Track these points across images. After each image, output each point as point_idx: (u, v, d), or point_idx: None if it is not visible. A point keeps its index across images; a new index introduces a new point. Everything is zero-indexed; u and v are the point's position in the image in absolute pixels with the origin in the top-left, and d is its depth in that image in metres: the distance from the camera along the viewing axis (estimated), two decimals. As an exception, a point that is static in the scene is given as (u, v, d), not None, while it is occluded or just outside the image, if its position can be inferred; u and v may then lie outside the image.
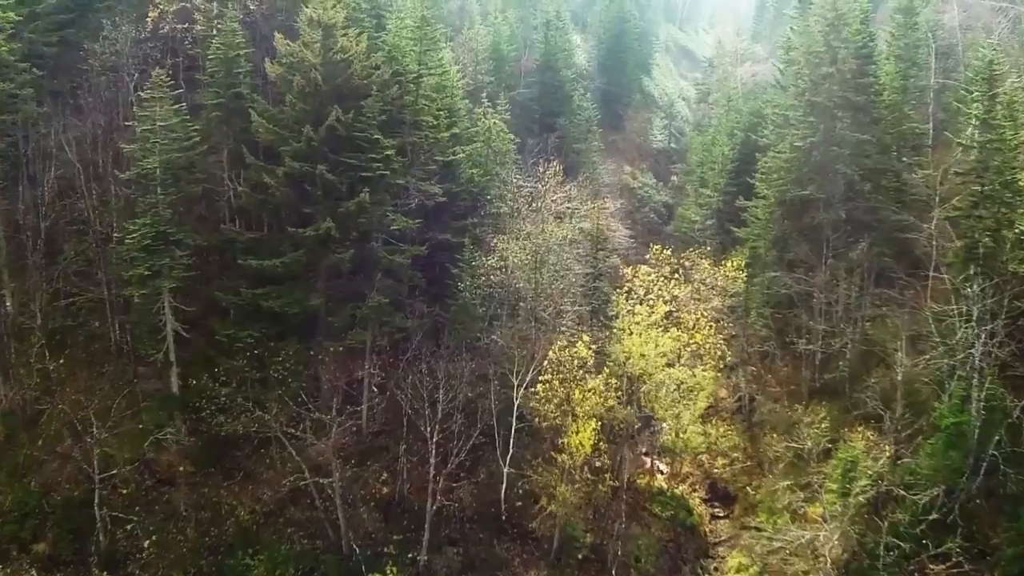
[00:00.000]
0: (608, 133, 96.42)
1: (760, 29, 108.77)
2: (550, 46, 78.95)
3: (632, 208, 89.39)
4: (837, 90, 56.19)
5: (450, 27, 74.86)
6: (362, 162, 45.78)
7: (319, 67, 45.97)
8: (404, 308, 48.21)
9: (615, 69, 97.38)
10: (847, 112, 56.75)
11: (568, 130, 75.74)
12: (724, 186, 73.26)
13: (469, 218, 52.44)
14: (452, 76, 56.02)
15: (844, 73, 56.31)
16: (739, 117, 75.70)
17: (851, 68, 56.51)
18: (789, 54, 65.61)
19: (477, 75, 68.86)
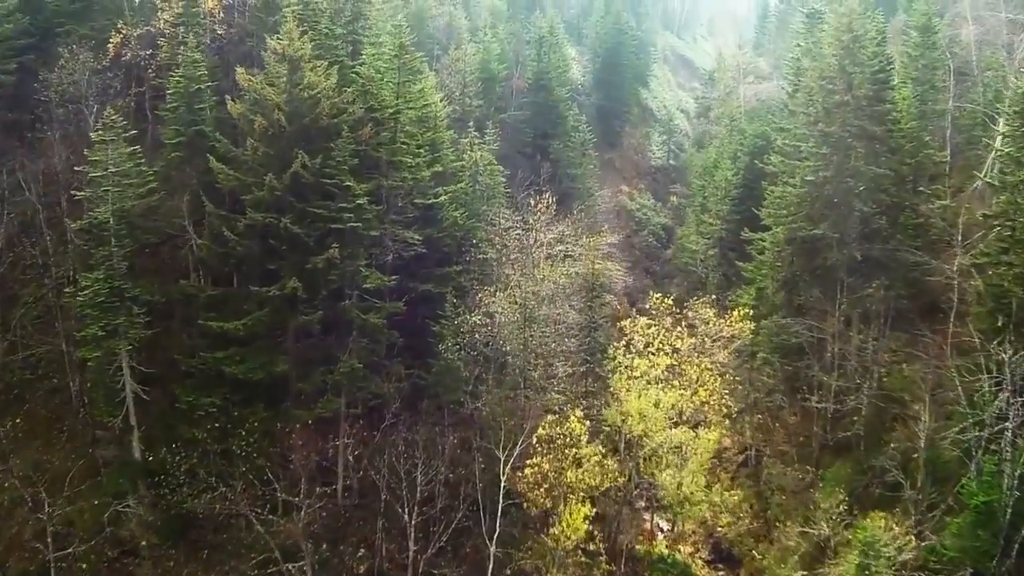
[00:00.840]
0: (604, 151, 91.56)
1: (762, 40, 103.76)
2: (543, 64, 73.98)
3: (630, 231, 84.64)
4: (852, 118, 51.31)
5: (436, 45, 70.06)
6: (332, 212, 40.93)
7: (283, 106, 41.10)
8: (381, 370, 43.43)
9: (612, 84, 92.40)
10: (862, 142, 51.90)
11: (562, 154, 70.83)
12: (727, 213, 68.49)
13: (453, 265, 47.63)
14: (435, 107, 51.15)
15: (859, 100, 51.44)
16: (743, 139, 70.84)
17: (866, 94, 51.65)
18: (799, 78, 60.70)
19: (464, 99, 63.98)
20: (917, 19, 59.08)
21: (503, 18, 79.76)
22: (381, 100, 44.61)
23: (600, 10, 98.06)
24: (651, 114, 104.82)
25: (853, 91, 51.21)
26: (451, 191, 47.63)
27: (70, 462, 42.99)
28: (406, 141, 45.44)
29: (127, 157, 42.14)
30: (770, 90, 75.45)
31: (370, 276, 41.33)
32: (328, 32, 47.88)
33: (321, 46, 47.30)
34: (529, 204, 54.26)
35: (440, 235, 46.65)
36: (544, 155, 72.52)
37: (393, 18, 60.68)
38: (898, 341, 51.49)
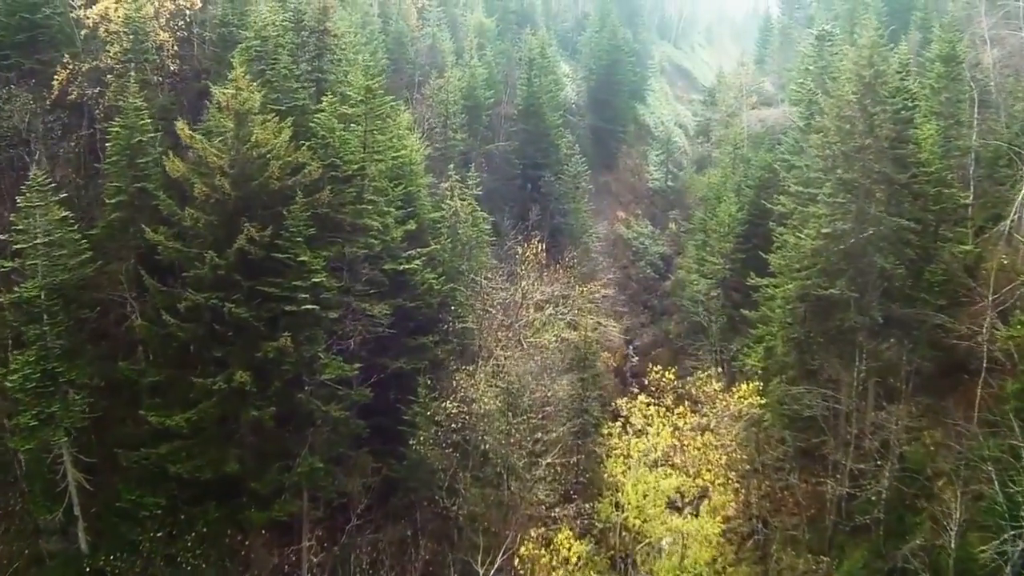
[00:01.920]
0: (600, 173, 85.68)
1: (764, 54, 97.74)
2: (533, 88, 67.99)
3: (627, 262, 78.85)
4: (873, 163, 45.47)
5: (418, 71, 64.08)
6: (284, 291, 35.11)
7: (227, 168, 35.22)
8: (346, 462, 37.74)
9: (607, 103, 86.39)
10: (883, 189, 46.05)
11: (553, 187, 64.99)
12: (731, 251, 62.62)
13: (428, 335, 41.85)
14: (410, 154, 45.29)
15: (881, 141, 45.58)
16: (748, 171, 64.97)
17: (888, 135, 45.77)
18: (810, 110, 54.80)
19: (447, 131, 58.07)
20: (940, 47, 53.10)
21: (492, 37, 73.85)
22: (344, 155, 38.69)
23: (595, 25, 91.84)
24: (648, 131, 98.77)
25: (875, 133, 45.40)
26: (427, 252, 41.77)
27: (14, 550, 37.83)
28: (374, 199, 39.55)
29: (59, 224, 36.32)
30: (776, 116, 69.45)
31: (330, 365, 35.51)
32: (287, 72, 41.93)
33: (279, 89, 41.45)
34: (517, 253, 48.61)
35: (413, 303, 40.85)
36: (535, 187, 66.76)
37: (368, 46, 54.78)
38: (919, 404, 46.10)
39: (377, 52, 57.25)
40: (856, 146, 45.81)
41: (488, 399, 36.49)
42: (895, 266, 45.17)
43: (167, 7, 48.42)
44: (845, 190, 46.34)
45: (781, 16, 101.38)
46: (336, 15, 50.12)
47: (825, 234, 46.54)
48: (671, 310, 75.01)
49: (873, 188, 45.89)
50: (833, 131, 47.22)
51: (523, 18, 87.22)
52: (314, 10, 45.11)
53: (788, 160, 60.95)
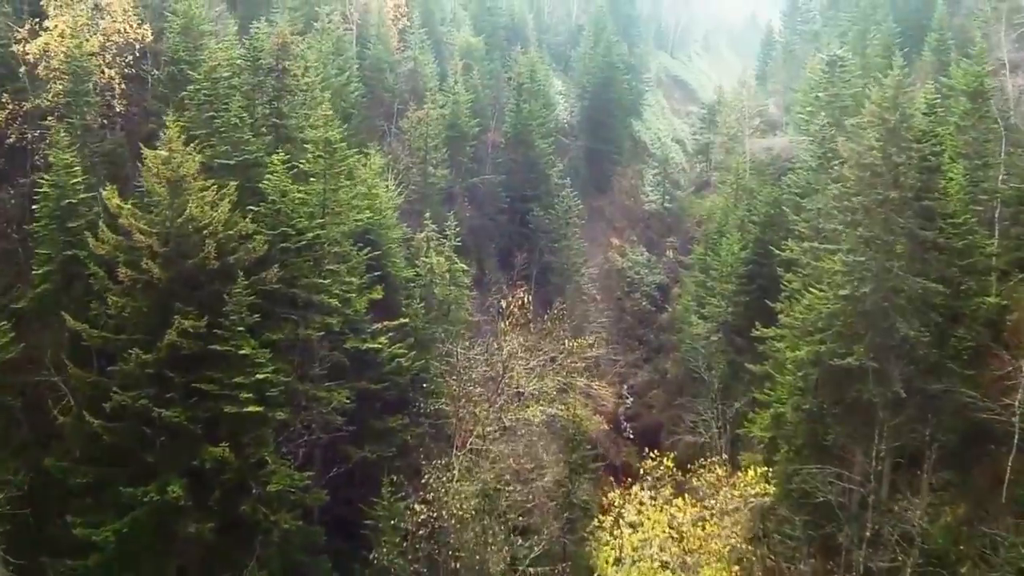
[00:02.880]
0: (593, 197, 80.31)
1: (765, 69, 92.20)
2: (522, 115, 62.61)
3: (620, 293, 73.61)
4: (896, 216, 40.28)
5: (397, 100, 58.62)
6: (225, 389, 29.91)
7: (158, 248, 29.95)
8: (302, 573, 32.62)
9: (601, 123, 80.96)
10: (907, 246, 40.91)
11: (543, 223, 59.67)
12: (733, 293, 57.44)
13: (397, 417, 36.68)
14: (379, 211, 40.03)
15: (905, 191, 40.37)
16: (752, 204, 59.73)
17: (913, 184, 40.57)
18: (825, 157, 49.45)
19: (426, 169, 52.73)
20: (966, 80, 47.71)
21: (479, 57, 68.43)
22: (298, 221, 33.39)
23: (589, 40, 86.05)
24: (644, 148, 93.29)
25: (899, 183, 40.19)
26: (396, 326, 36.53)
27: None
28: (334, 269, 34.34)
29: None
30: (782, 144, 64.13)
31: (278, 473, 30.28)
32: (238, 121, 36.50)
33: (228, 140, 36.11)
34: (500, 306, 43.35)
35: (379, 384, 35.64)
36: (523, 222, 61.46)
37: (339, 79, 49.32)
38: (940, 479, 41.12)
39: (350, 83, 51.88)
40: (878, 199, 40.63)
41: (462, 502, 31.33)
42: (920, 333, 40.02)
43: (115, 41, 43.07)
44: (865, 246, 41.25)
45: (783, 29, 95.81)
46: (301, 48, 44.77)
47: (843, 296, 41.46)
48: (668, 346, 69.92)
49: (896, 244, 40.80)
50: (853, 181, 41.93)
51: (514, 34, 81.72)
52: (272, 46, 39.71)
53: (797, 196, 55.93)
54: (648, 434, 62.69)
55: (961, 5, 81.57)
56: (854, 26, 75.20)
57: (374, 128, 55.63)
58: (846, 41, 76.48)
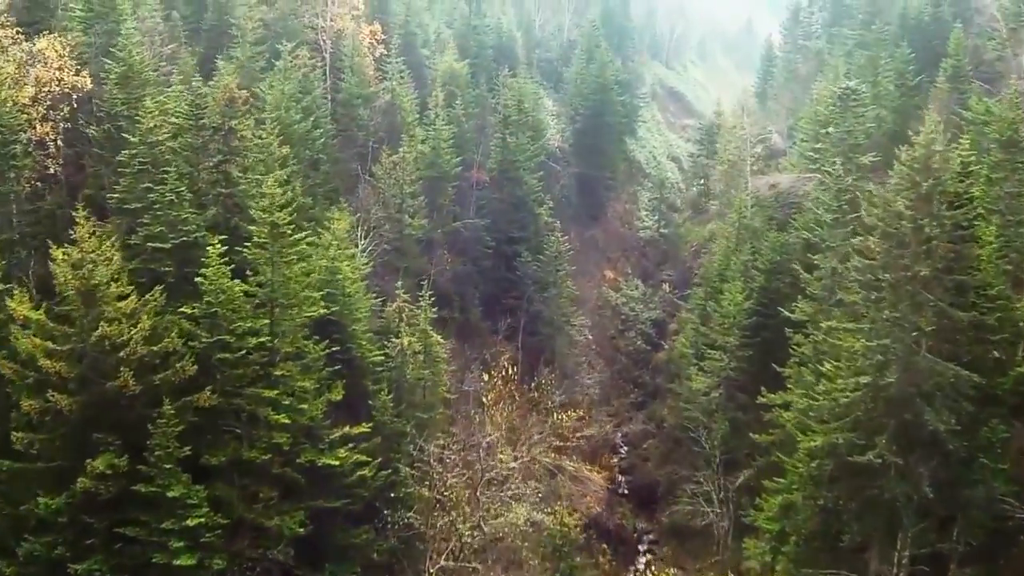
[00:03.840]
0: (586, 226, 75.11)
1: (767, 87, 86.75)
2: (509, 150, 57.26)
3: (614, 331, 68.53)
4: (926, 294, 35.26)
5: (372, 138, 53.10)
6: (153, 534, 24.82)
7: (67, 372, 24.74)
8: None
9: (594, 148, 75.53)
10: (935, 323, 35.97)
11: (530, 269, 54.41)
12: (736, 346, 52.42)
13: (362, 530, 31.63)
14: (344, 284, 34.81)
15: (936, 262, 35.35)
16: (755, 245, 54.60)
17: (945, 254, 35.55)
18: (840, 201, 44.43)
19: (403, 219, 47.38)
20: (1000, 129, 42.62)
21: (463, 83, 63.01)
22: (237, 327, 28.14)
23: (582, 58, 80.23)
24: (639, 168, 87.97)
25: (930, 257, 35.15)
26: (359, 432, 31.36)
27: None
28: (283, 374, 29.17)
29: None
30: (789, 181, 58.96)
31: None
32: (175, 197, 31.14)
33: (163, 220, 30.82)
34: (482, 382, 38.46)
35: (340, 501, 30.54)
36: (509, 266, 56.19)
37: (302, 125, 43.87)
38: (965, 574, 36.37)
39: (319, 127, 46.48)
40: (907, 275, 35.63)
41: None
42: (950, 426, 35.09)
43: (49, 91, 37.55)
44: (891, 327, 36.23)
45: (784, 43, 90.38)
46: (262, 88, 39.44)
47: (864, 385, 36.48)
48: (664, 389, 64.97)
49: (924, 325, 35.84)
50: (879, 253, 36.71)
51: (502, 54, 76.10)
52: (218, 102, 34.33)
53: (806, 242, 50.97)
54: (644, 492, 57.83)
55: (972, 22, 76.55)
56: (861, 50, 69.86)
57: (347, 172, 50.32)
58: (851, 60, 71.41)
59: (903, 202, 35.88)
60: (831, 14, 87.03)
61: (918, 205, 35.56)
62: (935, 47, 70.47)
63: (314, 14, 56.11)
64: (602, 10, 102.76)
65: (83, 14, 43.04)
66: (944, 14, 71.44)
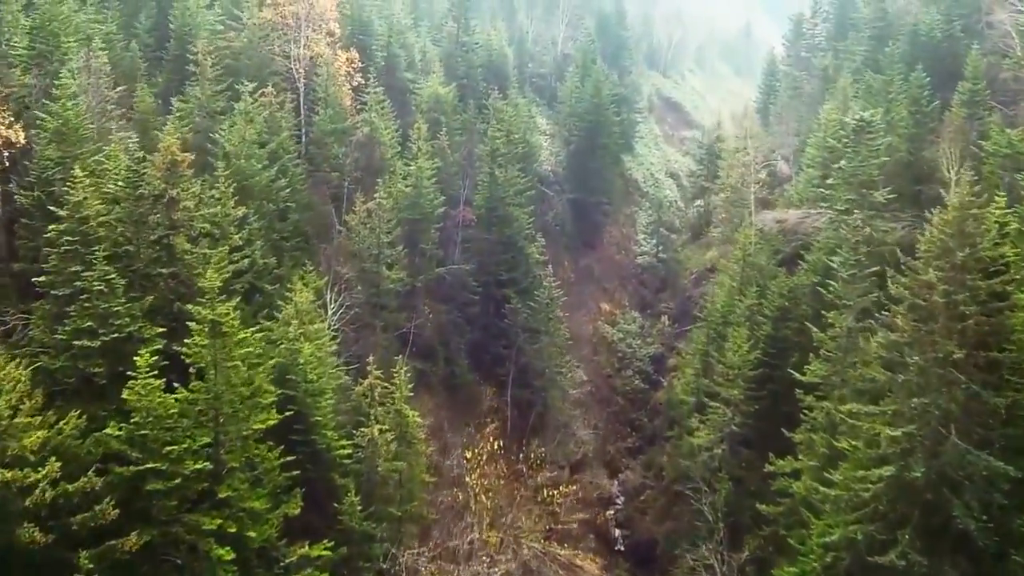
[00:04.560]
0: (581, 254, 70.91)
1: (770, 105, 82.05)
2: (497, 185, 52.95)
3: (611, 371, 64.39)
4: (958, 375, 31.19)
5: (347, 179, 48.73)
6: None
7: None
8: None
9: (589, 172, 71.02)
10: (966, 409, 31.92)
11: (521, 314, 50.19)
12: (740, 399, 48.32)
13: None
14: (306, 371, 30.66)
15: (968, 337, 31.30)
16: (762, 292, 50.39)
17: (979, 328, 31.53)
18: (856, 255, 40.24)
19: (380, 269, 43.10)
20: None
21: (450, 109, 58.67)
22: (172, 450, 23.96)
23: (576, 76, 75.18)
24: (636, 187, 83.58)
25: (965, 337, 31.08)
26: (322, 549, 27.30)
27: None
28: (233, 494, 25.05)
29: None
30: (797, 218, 54.70)
31: None
32: (104, 287, 26.87)
33: (93, 313, 26.60)
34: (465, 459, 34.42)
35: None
36: (498, 311, 51.96)
37: (266, 172, 39.59)
38: None
39: (287, 171, 42.21)
40: (938, 357, 31.52)
41: None
42: (981, 522, 31.12)
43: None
44: (920, 416, 32.18)
45: (786, 56, 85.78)
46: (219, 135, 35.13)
47: (888, 477, 32.48)
48: (660, 436, 60.93)
49: (954, 409, 31.81)
50: (907, 333, 32.50)
51: (491, 72, 71.49)
52: (159, 166, 30.04)
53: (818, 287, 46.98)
54: (642, 549, 53.84)
55: (983, 36, 72.15)
56: (869, 68, 65.53)
57: (320, 219, 46.07)
58: (859, 79, 67.04)
59: (935, 273, 31.85)
60: (835, 26, 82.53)
61: (951, 276, 31.58)
62: (947, 65, 66.25)
63: (286, 40, 51.76)
64: (598, 20, 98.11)
65: (25, 52, 38.81)
66: (956, 30, 67.06)
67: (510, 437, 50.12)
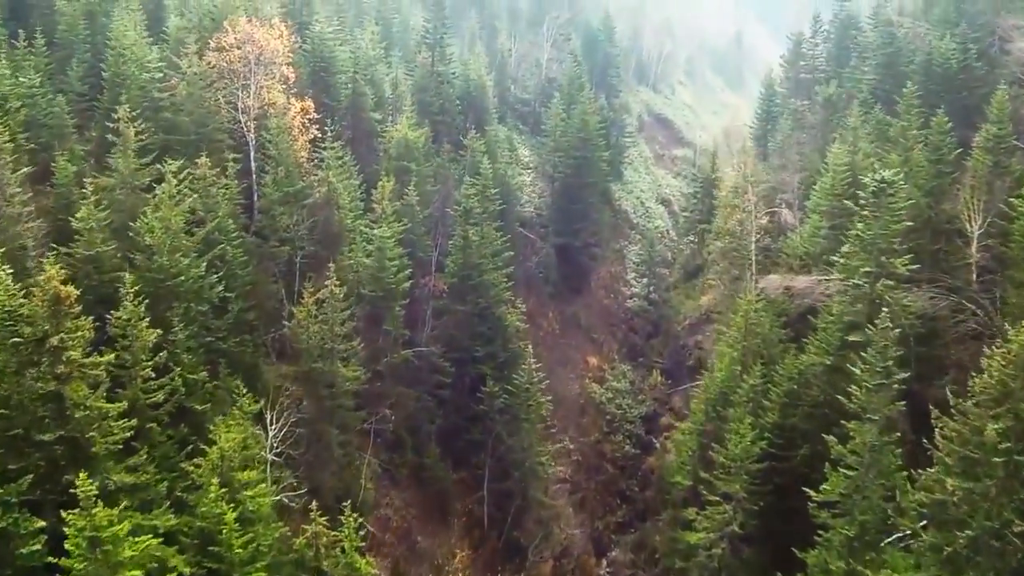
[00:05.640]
0: (567, 302, 64.77)
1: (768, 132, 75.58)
2: (470, 250, 46.66)
3: (599, 435, 58.52)
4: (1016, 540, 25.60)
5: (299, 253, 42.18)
6: None
7: None
8: None
9: (575, 213, 64.68)
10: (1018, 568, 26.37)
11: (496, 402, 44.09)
12: (743, 495, 42.63)
13: None
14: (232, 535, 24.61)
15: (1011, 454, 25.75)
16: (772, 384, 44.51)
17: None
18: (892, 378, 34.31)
19: (334, 363, 36.87)
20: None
21: (420, 156, 52.11)
22: None
23: (561, 107, 68.45)
24: (625, 218, 77.32)
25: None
26: None
27: None
28: None
29: None
30: (807, 284, 48.59)
31: None
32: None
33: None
34: None
35: None
36: (473, 391, 45.87)
37: (192, 269, 33.16)
38: None
39: (225, 258, 35.86)
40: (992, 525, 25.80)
41: None
42: None
43: None
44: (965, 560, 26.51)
45: (784, 77, 79.29)
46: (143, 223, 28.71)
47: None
48: (655, 506, 55.23)
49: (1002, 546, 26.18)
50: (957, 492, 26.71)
51: (469, 104, 64.96)
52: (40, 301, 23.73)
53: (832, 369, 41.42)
54: (634, 644, 48.52)
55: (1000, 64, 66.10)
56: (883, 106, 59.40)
57: (267, 302, 39.70)
58: (869, 114, 60.83)
59: (992, 427, 25.93)
60: (836, 46, 76.18)
61: (1015, 428, 25.76)
62: (963, 99, 60.27)
63: (234, 88, 45.16)
64: (584, 37, 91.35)
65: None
66: (972, 59, 60.98)
67: (487, 534, 44.34)
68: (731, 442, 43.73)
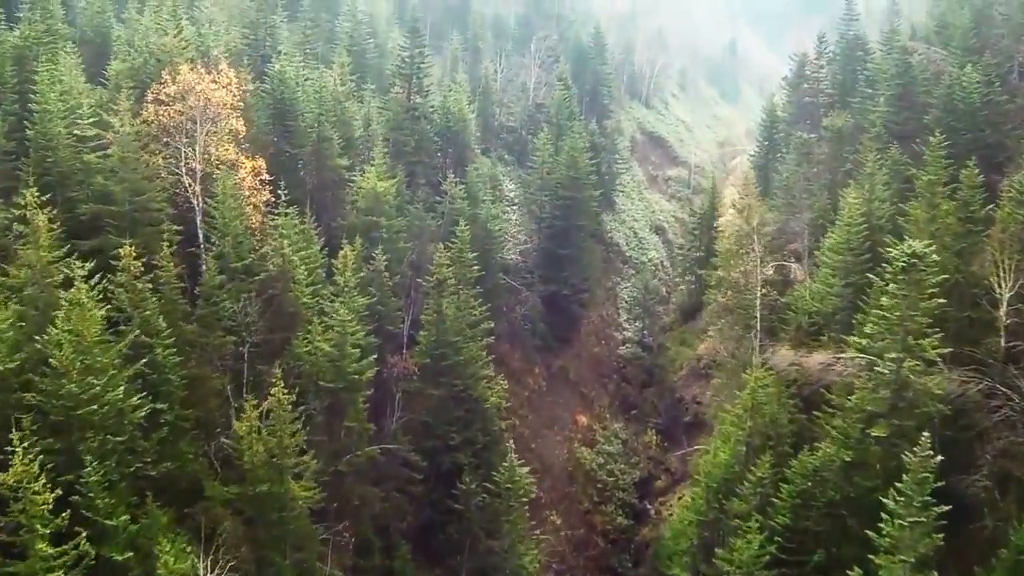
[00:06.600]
0: (555, 353, 59.52)
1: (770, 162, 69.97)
2: (444, 327, 41.32)
3: (590, 505, 53.38)
4: None
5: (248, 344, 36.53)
6: None
7: None
8: None
9: (564, 259, 59.36)
10: None
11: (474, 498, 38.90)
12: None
13: None
14: None
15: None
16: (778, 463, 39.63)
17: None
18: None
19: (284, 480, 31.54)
20: None
21: (391, 209, 46.56)
22: None
23: (549, 138, 62.70)
24: (618, 252, 71.96)
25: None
26: None
27: None
28: None
29: None
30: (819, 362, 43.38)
31: None
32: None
33: None
34: None
35: None
36: (449, 485, 40.64)
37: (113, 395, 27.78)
38: None
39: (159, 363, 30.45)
40: None
41: None
42: None
43: None
44: None
45: (787, 101, 73.72)
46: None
47: None
48: (652, 582, 50.36)
49: None
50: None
51: (449, 139, 59.26)
52: None
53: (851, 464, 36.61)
54: None
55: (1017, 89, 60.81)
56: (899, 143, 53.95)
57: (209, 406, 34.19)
58: (885, 156, 55.37)
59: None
60: (843, 69, 70.56)
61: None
62: (987, 136, 54.95)
63: (178, 146, 39.50)
64: (574, 57, 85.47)
65: None
66: (996, 92, 55.63)
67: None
68: (737, 546, 38.81)
